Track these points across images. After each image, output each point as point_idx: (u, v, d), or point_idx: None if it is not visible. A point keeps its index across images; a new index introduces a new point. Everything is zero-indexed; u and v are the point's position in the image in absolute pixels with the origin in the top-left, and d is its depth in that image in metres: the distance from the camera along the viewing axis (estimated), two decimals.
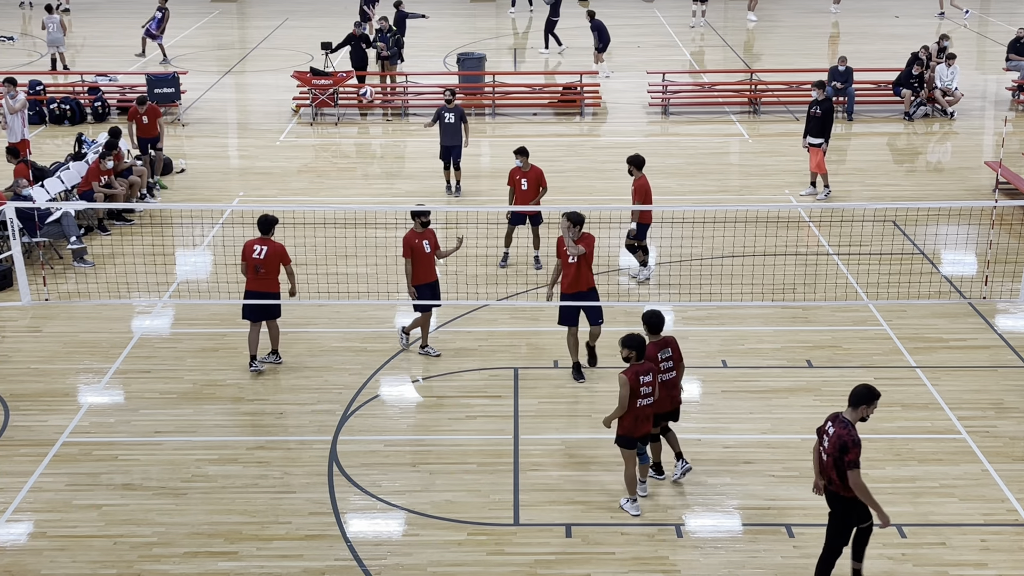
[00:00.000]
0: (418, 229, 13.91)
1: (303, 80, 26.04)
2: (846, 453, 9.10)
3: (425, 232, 13.92)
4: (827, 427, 9.38)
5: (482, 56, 28.21)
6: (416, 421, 12.90)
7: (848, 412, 9.28)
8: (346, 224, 18.20)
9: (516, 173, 16.76)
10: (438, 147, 20.41)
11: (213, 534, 10.88)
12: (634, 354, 10.64)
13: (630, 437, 10.79)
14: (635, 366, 10.60)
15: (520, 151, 16.79)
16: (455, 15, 39.30)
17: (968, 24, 36.51)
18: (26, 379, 13.94)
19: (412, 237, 13.85)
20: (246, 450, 12.33)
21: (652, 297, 15.94)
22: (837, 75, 25.09)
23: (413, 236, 13.87)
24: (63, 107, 25.77)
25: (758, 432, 12.56)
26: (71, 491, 11.57)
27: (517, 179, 16.73)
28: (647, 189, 15.93)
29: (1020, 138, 23.76)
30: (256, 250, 13.64)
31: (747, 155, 23.34)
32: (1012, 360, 14.16)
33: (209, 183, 21.50)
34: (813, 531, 10.80)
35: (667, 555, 10.51)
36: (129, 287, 16.29)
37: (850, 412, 9.27)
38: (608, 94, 27.58)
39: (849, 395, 9.32)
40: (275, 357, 14.17)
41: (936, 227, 18.30)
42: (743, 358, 14.20)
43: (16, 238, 15.42)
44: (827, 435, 9.33)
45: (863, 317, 15.36)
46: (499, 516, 11.12)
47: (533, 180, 16.69)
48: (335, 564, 10.45)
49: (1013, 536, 10.76)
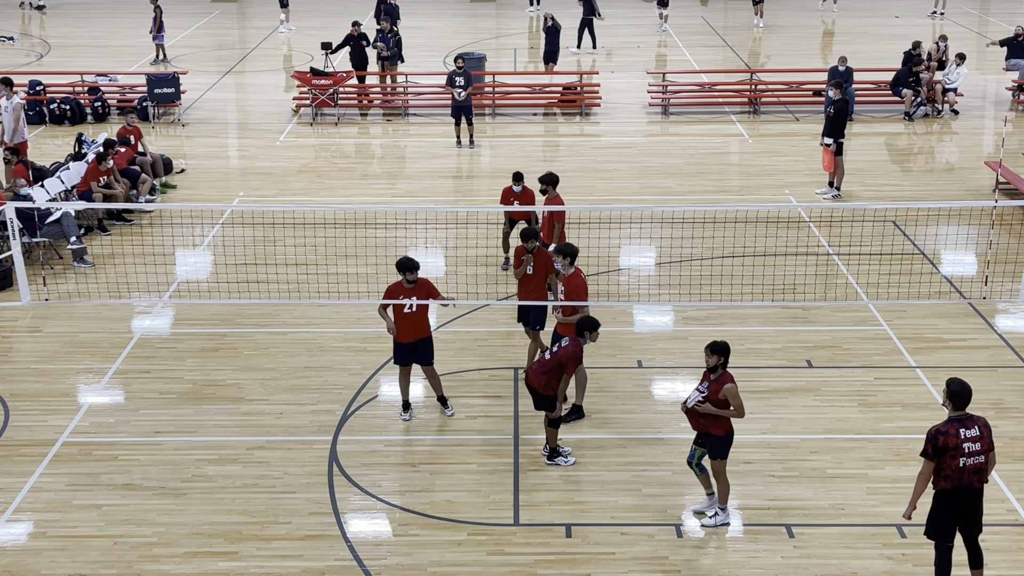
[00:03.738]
0: (405, 285, 12.41)
1: (303, 80, 26.04)
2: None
3: (415, 287, 12.39)
4: (968, 432, 9.27)
5: (482, 56, 28.22)
6: (416, 421, 12.90)
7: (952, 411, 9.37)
8: (346, 224, 18.20)
9: (510, 194, 16.43)
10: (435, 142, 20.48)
11: (213, 534, 10.88)
12: (722, 360, 10.48)
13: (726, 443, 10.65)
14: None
15: (516, 177, 16.35)
16: (455, 15, 39.31)
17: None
18: (26, 379, 13.94)
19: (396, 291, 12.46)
20: (246, 450, 12.32)
21: (652, 297, 15.94)
22: (837, 75, 25.08)
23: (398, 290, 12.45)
24: (63, 107, 25.77)
25: (758, 432, 12.56)
26: (71, 491, 11.56)
27: (511, 201, 16.41)
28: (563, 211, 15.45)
29: (1020, 138, 23.76)
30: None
31: (747, 155, 23.34)
32: (1012, 360, 14.16)
33: (209, 183, 21.50)
34: (813, 531, 10.81)
35: (667, 555, 10.51)
36: (129, 287, 16.29)
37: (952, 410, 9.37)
38: (608, 94, 27.58)
39: (957, 395, 9.36)
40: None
41: (936, 227, 18.30)
42: (743, 358, 14.19)
43: (16, 238, 15.43)
44: (977, 438, 9.27)
45: (863, 317, 15.36)
46: (499, 516, 11.12)
47: (526, 202, 16.35)
48: (335, 564, 10.45)
49: (1013, 536, 10.76)
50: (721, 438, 10.55)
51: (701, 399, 10.45)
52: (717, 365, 10.42)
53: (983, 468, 9.38)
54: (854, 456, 12.07)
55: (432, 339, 12.73)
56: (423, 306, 12.43)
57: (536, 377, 11.53)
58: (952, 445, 9.22)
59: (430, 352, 12.67)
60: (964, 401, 9.33)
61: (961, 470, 9.27)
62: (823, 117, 20.40)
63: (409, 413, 12.86)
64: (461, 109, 23.11)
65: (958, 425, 9.29)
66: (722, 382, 10.37)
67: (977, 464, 9.31)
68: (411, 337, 12.48)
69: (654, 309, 15.68)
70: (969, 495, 9.41)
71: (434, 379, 12.86)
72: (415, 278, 12.32)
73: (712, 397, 10.39)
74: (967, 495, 9.40)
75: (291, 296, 15.79)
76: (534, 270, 13.24)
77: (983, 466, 9.37)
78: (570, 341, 11.50)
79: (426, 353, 12.64)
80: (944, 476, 9.30)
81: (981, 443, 9.30)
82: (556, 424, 11.78)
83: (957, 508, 9.45)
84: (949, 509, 9.46)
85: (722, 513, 10.93)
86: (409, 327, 12.43)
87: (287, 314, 15.54)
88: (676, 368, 13.99)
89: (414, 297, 12.32)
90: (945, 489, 9.36)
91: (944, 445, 9.22)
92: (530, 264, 13.24)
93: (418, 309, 12.40)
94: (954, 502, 9.42)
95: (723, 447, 10.59)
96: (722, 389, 10.33)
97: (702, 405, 10.44)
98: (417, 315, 12.42)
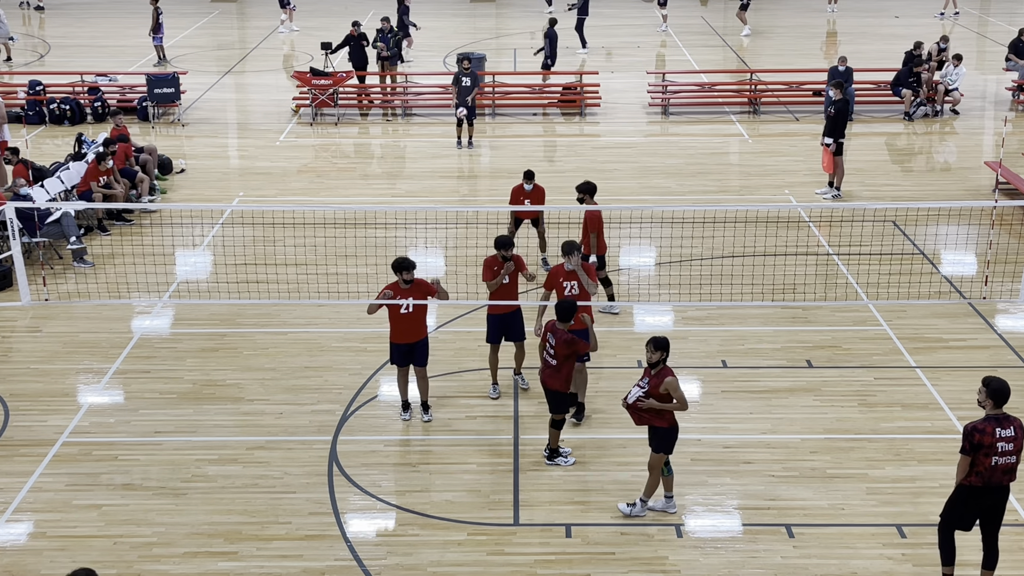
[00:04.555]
0: (402, 285, 12.28)
1: (303, 80, 26.05)
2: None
3: (411, 288, 12.26)
4: (1003, 431, 9.28)
5: (482, 56, 28.21)
6: (416, 421, 12.89)
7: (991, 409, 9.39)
8: (346, 224, 18.20)
9: (520, 192, 16.42)
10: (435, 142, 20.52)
11: (213, 534, 10.88)
12: (664, 356, 10.53)
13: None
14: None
15: (528, 175, 16.31)
16: (455, 15, 39.31)
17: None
18: (26, 379, 13.94)
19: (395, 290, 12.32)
20: (246, 450, 12.32)
21: (652, 297, 15.94)
22: (837, 75, 25.07)
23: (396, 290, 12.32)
24: (63, 107, 25.76)
25: (758, 432, 12.56)
26: (71, 491, 11.56)
27: (521, 199, 16.41)
28: (599, 217, 15.00)
29: (1020, 138, 23.77)
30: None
31: (747, 155, 23.34)
32: (1012, 360, 14.16)
33: (209, 183, 21.50)
34: (813, 531, 10.81)
35: (667, 555, 10.51)
36: (129, 287, 16.29)
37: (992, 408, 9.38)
38: (608, 94, 27.58)
39: (997, 393, 9.35)
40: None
41: (936, 227, 18.30)
42: (743, 358, 14.19)
43: (16, 238, 15.43)
44: (1012, 438, 9.28)
45: (863, 317, 15.36)
46: (499, 516, 11.12)
47: (536, 200, 16.40)
48: (335, 564, 10.44)
49: (1013, 536, 10.75)
50: (666, 430, 10.66)
51: (642, 394, 10.56)
52: (659, 361, 10.53)
53: (1014, 468, 9.41)
54: (854, 456, 12.08)
55: (428, 340, 12.68)
56: (421, 307, 12.33)
57: (552, 379, 11.54)
58: (987, 443, 9.25)
59: (425, 353, 12.63)
60: (1004, 399, 9.36)
61: (993, 468, 9.32)
62: (823, 117, 20.39)
63: (409, 413, 12.85)
64: (468, 108, 23.11)
65: (995, 424, 9.32)
66: (662, 376, 10.49)
67: (1009, 464, 9.35)
68: (408, 338, 12.40)
69: (654, 309, 15.68)
70: (997, 493, 9.48)
71: (423, 382, 12.78)
72: (411, 278, 12.22)
73: (653, 392, 10.51)
74: (995, 493, 9.47)
75: (291, 296, 15.79)
76: (510, 279, 12.95)
77: (1014, 466, 9.40)
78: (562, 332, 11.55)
79: (421, 354, 12.60)
80: (976, 472, 9.36)
81: (1015, 443, 9.33)
82: (559, 425, 11.79)
83: (983, 505, 9.51)
84: (972, 505, 9.53)
85: (640, 505, 11.03)
86: (406, 328, 12.34)
87: (287, 314, 15.54)
88: (676, 368, 13.93)
89: (411, 298, 12.23)
90: (975, 485, 9.40)
91: (980, 442, 9.26)
92: (507, 275, 12.85)
93: (415, 310, 12.28)
94: (981, 499, 9.47)
95: (667, 440, 10.70)
96: (663, 383, 10.45)
97: (644, 401, 10.54)
98: (414, 315, 12.31)
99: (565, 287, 12.69)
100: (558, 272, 12.77)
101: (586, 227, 14.84)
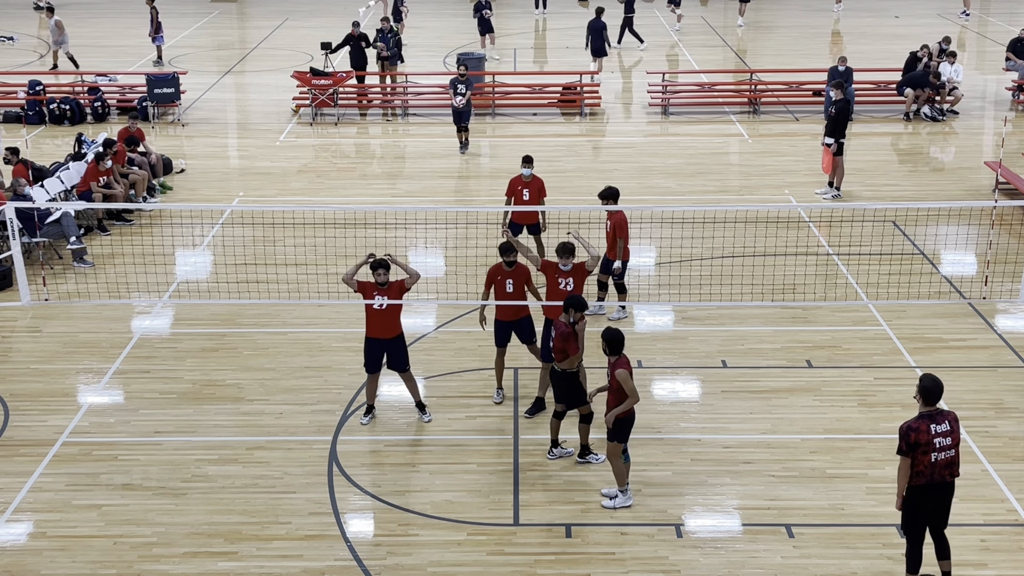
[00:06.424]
0: (379, 284, 12.44)
1: (303, 80, 26.04)
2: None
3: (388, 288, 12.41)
4: (938, 427, 9.33)
5: (482, 56, 28.20)
6: (416, 421, 12.89)
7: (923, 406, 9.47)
8: (346, 224, 18.20)
9: (517, 183, 16.25)
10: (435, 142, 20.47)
11: (213, 534, 10.88)
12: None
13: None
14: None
15: (527, 160, 16.26)
16: (455, 15, 39.30)
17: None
18: (26, 379, 13.94)
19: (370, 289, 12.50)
20: (246, 450, 12.32)
21: (653, 297, 15.94)
22: (837, 75, 25.07)
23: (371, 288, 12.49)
24: (63, 107, 25.76)
25: (758, 432, 12.56)
26: (71, 491, 11.56)
27: (519, 189, 16.22)
28: (626, 223, 14.86)
29: (1020, 138, 23.76)
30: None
31: (747, 155, 23.34)
32: (1012, 360, 14.16)
33: (209, 183, 21.50)
34: (813, 531, 10.81)
35: (667, 555, 10.51)
36: (129, 287, 16.29)
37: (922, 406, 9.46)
38: (608, 94, 27.57)
39: (928, 391, 9.44)
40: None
41: (936, 227, 18.30)
42: (743, 358, 14.20)
43: (16, 238, 15.43)
44: (947, 432, 9.34)
45: (863, 317, 15.35)
46: (499, 516, 11.12)
47: (535, 191, 16.24)
48: (335, 564, 10.45)
49: (1013, 536, 10.76)
50: (618, 419, 10.73)
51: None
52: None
53: (955, 462, 9.47)
54: (854, 456, 12.08)
55: (405, 341, 12.67)
56: (395, 306, 12.42)
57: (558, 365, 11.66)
58: (924, 441, 9.30)
59: (404, 355, 12.61)
60: (935, 397, 9.43)
61: (934, 465, 9.36)
62: (823, 117, 20.38)
63: (369, 418, 12.81)
64: (461, 115, 23.04)
65: (928, 421, 9.38)
66: (615, 367, 10.61)
67: (949, 458, 9.42)
68: (383, 333, 12.46)
69: (654, 309, 15.68)
70: (941, 489, 9.51)
71: (411, 383, 12.81)
72: (385, 279, 12.31)
73: (612, 384, 10.68)
74: (939, 490, 9.50)
75: (291, 296, 15.78)
76: (514, 286, 12.86)
77: (954, 460, 9.46)
78: (555, 324, 11.68)
79: (399, 356, 12.58)
80: (917, 472, 9.39)
81: (951, 437, 9.39)
82: (589, 420, 11.80)
83: (928, 503, 9.53)
84: (922, 505, 9.54)
85: (622, 496, 11.12)
86: (380, 324, 12.43)
87: (287, 314, 15.54)
88: (676, 368, 13.99)
89: (385, 297, 12.34)
90: (918, 485, 9.43)
91: (916, 441, 9.31)
92: (510, 283, 12.79)
93: (388, 308, 12.39)
94: (926, 497, 9.49)
95: (620, 429, 10.78)
96: (615, 375, 10.59)
97: (607, 415, 10.79)
98: (388, 312, 12.41)
99: (560, 283, 12.82)
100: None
101: (614, 232, 14.72)
